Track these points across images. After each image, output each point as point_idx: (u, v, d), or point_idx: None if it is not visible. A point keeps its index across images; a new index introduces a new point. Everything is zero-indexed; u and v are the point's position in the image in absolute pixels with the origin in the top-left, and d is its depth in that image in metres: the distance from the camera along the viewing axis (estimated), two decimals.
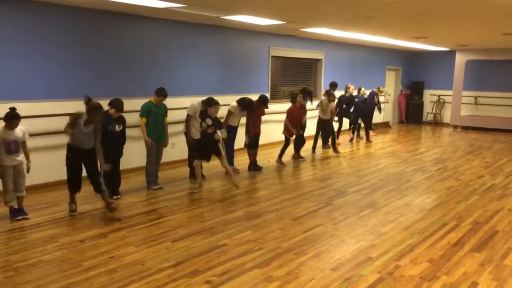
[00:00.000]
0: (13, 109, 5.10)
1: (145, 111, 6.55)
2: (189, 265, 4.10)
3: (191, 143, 7.11)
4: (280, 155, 8.59)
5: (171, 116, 8.40)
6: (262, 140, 8.54)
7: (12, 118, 5.09)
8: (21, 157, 5.27)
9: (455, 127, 15.20)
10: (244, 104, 7.71)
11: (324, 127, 10.00)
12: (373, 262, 4.23)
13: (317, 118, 10.01)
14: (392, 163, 9.08)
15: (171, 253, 4.36)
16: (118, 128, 6.04)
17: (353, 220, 5.51)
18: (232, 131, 7.66)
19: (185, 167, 7.69)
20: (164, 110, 6.79)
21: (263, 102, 8.13)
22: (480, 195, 6.74)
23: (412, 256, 4.39)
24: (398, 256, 4.38)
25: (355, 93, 11.35)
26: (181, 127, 7.55)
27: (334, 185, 7.24)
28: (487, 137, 13.22)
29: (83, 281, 3.77)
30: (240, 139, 8.19)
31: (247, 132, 7.96)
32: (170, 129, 8.34)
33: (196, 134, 6.93)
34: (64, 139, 5.74)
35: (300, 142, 9.06)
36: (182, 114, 7.49)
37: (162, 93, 6.62)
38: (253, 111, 7.83)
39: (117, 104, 5.99)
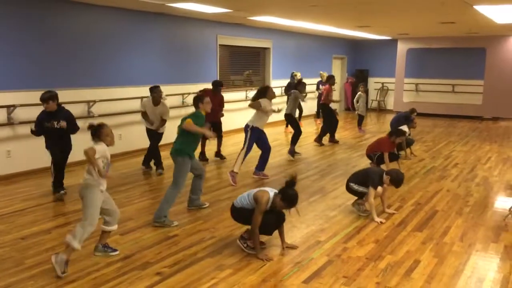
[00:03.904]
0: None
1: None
2: (139, 258, 4.03)
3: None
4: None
5: (117, 106, 8.19)
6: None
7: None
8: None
9: (398, 112, 15.79)
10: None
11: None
12: (322, 246, 4.34)
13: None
14: (339, 149, 9.32)
15: (120, 246, 4.25)
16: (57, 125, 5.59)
17: (303, 205, 5.61)
18: None
19: (134, 159, 7.52)
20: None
21: (215, 86, 8.01)
22: (421, 178, 7.06)
23: (359, 238, 4.55)
24: (345, 239, 4.53)
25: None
26: (128, 117, 7.35)
27: (284, 172, 7.34)
28: (427, 122, 13.86)
29: (27, 279, 3.61)
30: None
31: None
32: (117, 120, 8.14)
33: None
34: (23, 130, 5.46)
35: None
36: (128, 104, 7.32)
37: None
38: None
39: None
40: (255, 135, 6.82)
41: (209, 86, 8.20)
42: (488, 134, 11.66)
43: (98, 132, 3.82)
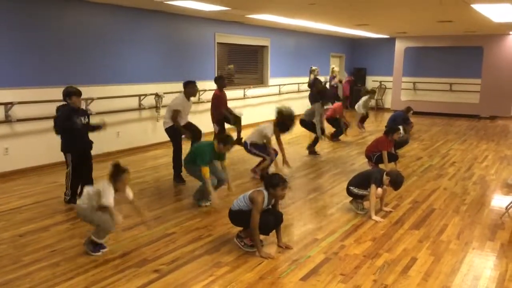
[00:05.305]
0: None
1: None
2: (137, 255, 4.03)
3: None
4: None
5: (115, 104, 8.18)
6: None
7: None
8: None
9: (395, 111, 15.82)
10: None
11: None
12: (319, 243, 4.35)
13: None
14: (337, 147, 9.34)
15: (118, 244, 4.26)
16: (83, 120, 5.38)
17: (301, 203, 5.63)
18: None
19: (131, 156, 7.52)
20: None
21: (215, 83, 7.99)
22: (418, 176, 7.08)
23: (356, 236, 4.56)
24: (343, 237, 4.54)
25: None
26: (126, 115, 7.33)
27: (281, 171, 7.33)
28: (425, 121, 13.89)
29: (24, 276, 3.62)
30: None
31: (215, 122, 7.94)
32: (115, 117, 8.13)
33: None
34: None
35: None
36: (126, 102, 7.31)
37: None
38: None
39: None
40: (259, 147, 6.58)
41: (207, 84, 8.20)
42: (485, 133, 11.69)
43: (118, 177, 3.95)
